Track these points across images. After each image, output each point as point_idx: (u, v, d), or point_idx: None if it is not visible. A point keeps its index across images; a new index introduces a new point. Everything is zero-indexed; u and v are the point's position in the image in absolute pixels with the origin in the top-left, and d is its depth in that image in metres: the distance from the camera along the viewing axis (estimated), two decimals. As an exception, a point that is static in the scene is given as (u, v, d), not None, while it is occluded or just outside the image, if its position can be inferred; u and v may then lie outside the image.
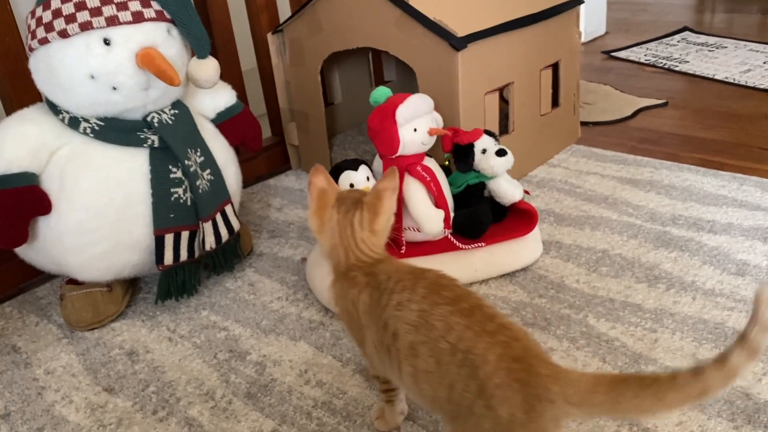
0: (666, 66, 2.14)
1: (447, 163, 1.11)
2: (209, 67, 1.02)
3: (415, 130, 0.98)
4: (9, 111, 1.10)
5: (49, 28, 0.92)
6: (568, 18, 1.44)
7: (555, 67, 1.46)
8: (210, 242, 1.06)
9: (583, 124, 1.70)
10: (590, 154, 1.52)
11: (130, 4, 0.94)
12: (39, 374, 0.97)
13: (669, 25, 2.65)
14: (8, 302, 1.16)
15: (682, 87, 1.95)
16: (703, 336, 0.92)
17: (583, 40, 2.51)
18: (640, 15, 2.91)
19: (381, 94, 0.99)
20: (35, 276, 1.21)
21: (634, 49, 2.37)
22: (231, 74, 1.45)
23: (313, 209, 0.75)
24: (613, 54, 2.32)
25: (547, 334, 0.95)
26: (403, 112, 0.97)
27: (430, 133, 0.99)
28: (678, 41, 2.41)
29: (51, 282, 1.20)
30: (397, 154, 0.98)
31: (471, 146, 1.06)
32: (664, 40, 2.45)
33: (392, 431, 0.81)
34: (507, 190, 1.07)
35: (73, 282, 1.07)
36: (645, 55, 2.27)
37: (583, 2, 1.47)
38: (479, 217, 1.03)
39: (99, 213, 0.97)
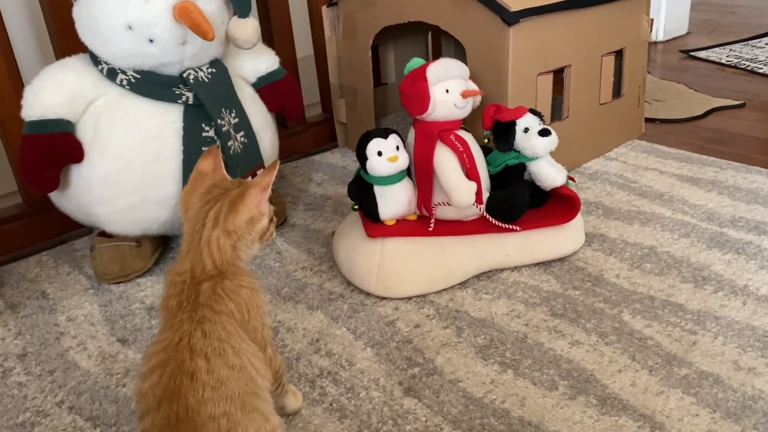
0: (749, 68, 2.00)
1: (486, 141, 1.06)
2: (248, 27, 1.01)
3: (447, 91, 0.93)
4: (60, 62, 1.11)
5: (91, -24, 0.93)
6: (636, 3, 1.36)
7: (619, 54, 1.37)
8: (239, 205, 1.04)
9: (650, 120, 1.60)
10: (651, 150, 1.43)
11: (172, -43, 0.94)
12: (61, 320, 0.99)
13: (759, 28, 2.48)
14: (47, 251, 1.19)
15: (763, 89, 1.81)
16: (748, 343, 0.83)
17: (661, 38, 2.39)
18: (728, 17, 2.74)
19: (416, 63, 0.95)
20: (76, 228, 1.23)
21: (716, 49, 2.22)
22: (286, 57, 1.42)
23: (185, 190, 0.67)
24: (692, 53, 2.19)
25: (575, 326, 0.89)
26: (434, 70, 0.93)
27: (464, 94, 0.94)
28: (766, 44, 2.25)
29: (90, 235, 1.22)
30: (428, 113, 0.93)
31: (512, 124, 1.00)
32: (750, 42, 2.30)
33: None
34: (548, 173, 1.00)
35: (103, 234, 1.08)
36: (727, 56, 2.13)
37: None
38: (515, 198, 0.98)
39: (128, 165, 0.97)
